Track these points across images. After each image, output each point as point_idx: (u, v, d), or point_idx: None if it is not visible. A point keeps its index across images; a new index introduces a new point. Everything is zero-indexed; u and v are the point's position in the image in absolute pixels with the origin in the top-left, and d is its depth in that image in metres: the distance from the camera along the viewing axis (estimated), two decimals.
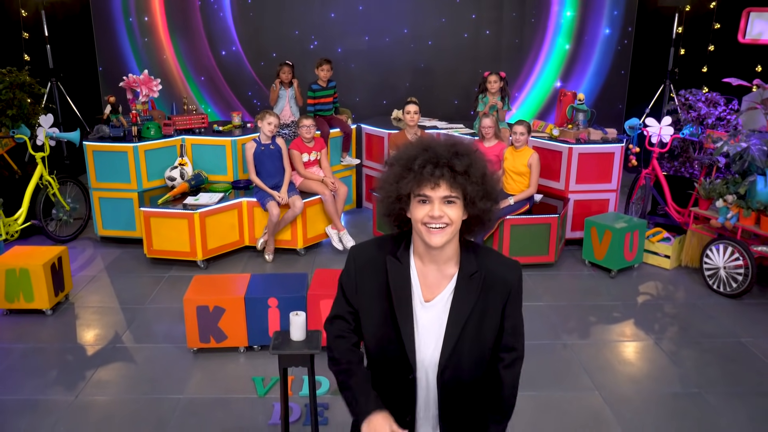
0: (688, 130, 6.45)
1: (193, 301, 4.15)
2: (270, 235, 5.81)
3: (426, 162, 1.81)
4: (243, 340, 4.27)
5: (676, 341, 4.55)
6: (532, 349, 4.34)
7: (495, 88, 6.21)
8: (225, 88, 8.64)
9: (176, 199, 5.82)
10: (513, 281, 1.95)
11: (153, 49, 8.47)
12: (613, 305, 5.11)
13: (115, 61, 8.45)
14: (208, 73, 8.58)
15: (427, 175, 1.79)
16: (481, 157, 1.91)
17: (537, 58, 8.77)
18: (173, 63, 8.52)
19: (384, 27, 8.42)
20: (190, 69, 8.53)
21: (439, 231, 1.82)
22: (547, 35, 8.72)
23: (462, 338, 1.90)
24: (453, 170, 1.80)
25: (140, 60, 8.42)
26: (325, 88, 6.68)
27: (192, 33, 8.42)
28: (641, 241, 5.73)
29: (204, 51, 8.50)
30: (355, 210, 7.31)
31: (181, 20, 8.44)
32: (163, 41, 8.48)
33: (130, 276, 5.56)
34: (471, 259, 1.92)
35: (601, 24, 8.72)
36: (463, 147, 1.86)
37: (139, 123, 6.15)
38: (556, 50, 8.80)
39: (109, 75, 8.42)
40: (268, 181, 5.83)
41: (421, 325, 1.92)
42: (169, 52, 8.46)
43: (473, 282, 1.91)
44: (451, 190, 1.81)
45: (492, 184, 1.89)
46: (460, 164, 1.81)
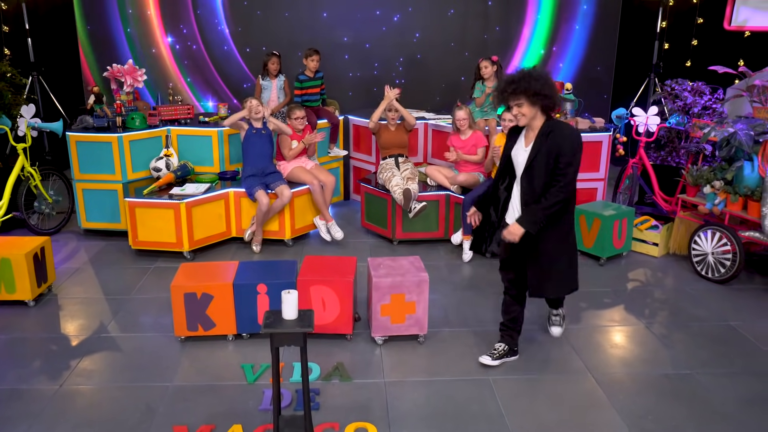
0: (674, 119, 6.48)
1: (181, 288, 4.08)
2: (258, 226, 5.74)
3: (499, 91, 3.67)
4: (232, 328, 4.20)
5: (666, 325, 4.55)
6: (525, 334, 4.34)
7: (489, 73, 6.18)
8: (217, 81, 8.54)
9: (162, 189, 5.74)
10: (563, 139, 3.55)
11: (146, 41, 8.35)
12: (604, 292, 5.10)
13: (105, 51, 8.29)
14: (199, 66, 8.45)
15: (501, 96, 3.66)
16: (527, 75, 3.53)
17: (521, 48, 8.78)
18: (167, 54, 8.39)
19: (372, 19, 8.38)
20: (183, 61, 8.41)
21: (521, 119, 3.63)
22: (526, 27, 8.74)
23: (533, 162, 3.61)
24: (511, 91, 3.57)
25: (135, 52, 8.28)
26: (313, 78, 6.63)
27: (183, 22, 8.31)
28: (629, 229, 5.74)
29: (196, 42, 8.40)
30: (342, 202, 7.27)
31: (171, 10, 8.33)
32: (157, 33, 8.37)
33: (115, 267, 5.47)
34: (547, 126, 3.61)
35: (578, 12, 8.75)
36: (516, 76, 3.57)
37: (123, 113, 6.06)
38: (535, 43, 8.82)
39: (99, 64, 8.25)
40: (257, 165, 5.76)
41: (521, 156, 3.72)
42: (164, 45, 8.35)
43: (545, 137, 3.59)
44: (514, 100, 3.57)
45: (538, 87, 3.50)
46: (513, 86, 3.54)
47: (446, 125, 6.63)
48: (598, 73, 8.99)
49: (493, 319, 4.58)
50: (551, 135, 3.54)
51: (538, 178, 3.58)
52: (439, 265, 5.58)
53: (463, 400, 3.65)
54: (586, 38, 8.74)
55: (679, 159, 6.52)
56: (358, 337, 4.31)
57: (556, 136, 3.53)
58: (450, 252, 5.84)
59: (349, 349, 4.16)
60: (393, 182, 5.74)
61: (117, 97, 6.21)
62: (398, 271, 4.17)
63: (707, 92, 6.41)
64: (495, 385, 3.78)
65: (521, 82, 3.49)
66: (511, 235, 3.63)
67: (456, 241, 5.72)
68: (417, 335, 4.24)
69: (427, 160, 6.89)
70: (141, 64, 7.56)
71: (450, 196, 5.89)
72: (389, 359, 4.05)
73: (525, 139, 3.69)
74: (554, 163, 3.54)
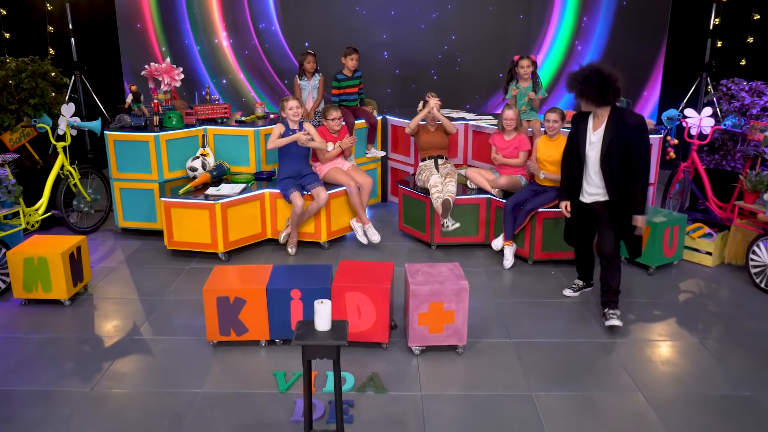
0: (730, 121, 6.15)
1: (213, 291, 3.98)
2: (293, 228, 5.63)
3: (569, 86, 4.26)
4: (264, 334, 4.09)
5: (722, 341, 4.27)
6: (570, 347, 4.13)
7: (527, 73, 5.95)
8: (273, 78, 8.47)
9: (197, 189, 5.68)
10: (633, 124, 4.13)
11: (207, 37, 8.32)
12: (653, 303, 4.84)
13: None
14: (255, 64, 8.38)
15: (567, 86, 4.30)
16: (588, 75, 4.11)
17: (558, 45, 8.49)
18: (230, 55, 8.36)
19: (410, 17, 8.20)
20: (242, 61, 8.34)
21: (582, 107, 4.28)
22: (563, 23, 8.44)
23: (609, 147, 4.16)
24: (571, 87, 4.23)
25: (205, 57, 8.26)
26: (351, 78, 6.49)
27: (240, 25, 8.25)
28: (681, 237, 5.45)
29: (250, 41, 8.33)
30: (379, 204, 7.12)
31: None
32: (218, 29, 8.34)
33: (150, 268, 5.42)
34: (615, 112, 4.18)
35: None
36: (578, 74, 4.17)
37: (160, 112, 6.02)
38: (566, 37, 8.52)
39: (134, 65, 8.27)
40: (292, 166, 5.65)
41: (593, 141, 4.30)
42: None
43: (613, 123, 4.15)
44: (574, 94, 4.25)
45: (585, 89, 4.11)
46: (581, 84, 4.13)
47: (487, 126, 6.42)
48: (647, 73, 8.64)
49: (536, 330, 4.38)
50: (620, 122, 4.15)
51: (615, 161, 4.18)
52: (478, 271, 5.39)
53: (504, 417, 3.46)
54: (635, 35, 8.39)
55: (735, 163, 6.18)
56: (394, 346, 4.15)
57: (625, 123, 4.15)
58: (490, 257, 5.64)
59: (384, 359, 4.01)
60: (431, 182, 5.57)
61: (154, 96, 6.18)
62: (437, 279, 3.99)
63: (767, 92, 6.06)
64: (538, 402, 3.58)
65: (572, 84, 4.21)
66: (640, 228, 4.32)
67: (497, 246, 5.51)
68: (456, 346, 4.07)
69: (468, 161, 6.69)
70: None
71: (491, 199, 5.68)
72: (426, 371, 3.88)
73: (593, 124, 4.30)
74: (628, 148, 4.15)
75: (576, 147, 4.38)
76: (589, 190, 4.40)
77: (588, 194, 4.41)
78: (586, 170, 4.37)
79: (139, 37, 8.21)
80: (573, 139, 4.40)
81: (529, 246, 5.45)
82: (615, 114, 4.18)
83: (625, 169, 4.18)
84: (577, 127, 4.37)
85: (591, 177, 4.36)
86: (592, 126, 4.28)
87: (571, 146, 4.44)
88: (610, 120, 4.18)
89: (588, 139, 4.30)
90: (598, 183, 4.33)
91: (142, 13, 8.16)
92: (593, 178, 4.35)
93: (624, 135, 4.12)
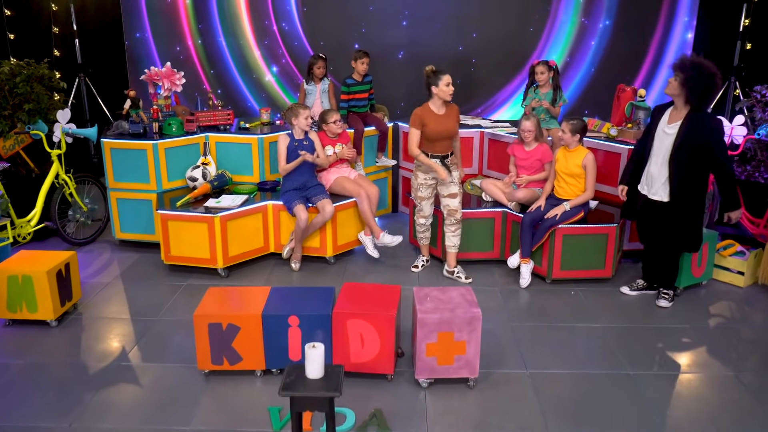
0: (764, 130, 5.76)
1: (205, 317, 3.69)
2: (297, 242, 5.33)
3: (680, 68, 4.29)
4: (260, 363, 3.79)
5: (760, 374, 3.90)
6: (592, 379, 3.79)
7: (543, 79, 5.60)
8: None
9: (197, 201, 5.40)
10: (712, 124, 4.26)
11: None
12: (681, 329, 4.48)
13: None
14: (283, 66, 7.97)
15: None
16: (692, 66, 4.19)
17: (583, 46, 8.10)
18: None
19: (424, 19, 7.83)
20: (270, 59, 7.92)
21: (671, 88, 4.34)
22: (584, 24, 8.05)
23: (681, 143, 4.26)
24: (675, 67, 4.28)
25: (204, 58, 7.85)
26: (361, 83, 6.18)
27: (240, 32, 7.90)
28: (711, 255, 5.08)
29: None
30: (390, 215, 6.80)
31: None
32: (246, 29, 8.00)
33: (146, 284, 5.15)
34: (692, 115, 4.24)
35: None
36: (688, 59, 4.25)
37: (160, 119, 5.75)
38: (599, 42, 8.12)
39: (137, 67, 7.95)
40: (298, 179, 5.35)
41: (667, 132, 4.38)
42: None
43: (692, 120, 4.23)
44: (674, 78, 4.30)
45: (693, 79, 4.16)
46: (678, 65, 4.27)
47: (504, 134, 6.08)
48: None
49: (554, 359, 4.04)
50: (698, 122, 4.22)
51: (685, 158, 4.26)
52: (493, 290, 5.05)
53: None
54: (661, 37, 7.98)
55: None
56: (400, 377, 3.83)
57: (701, 125, 4.22)
58: (506, 275, 5.30)
59: (389, 392, 3.69)
60: (425, 211, 5.21)
61: (154, 102, 5.91)
62: (447, 305, 3.67)
63: None
64: None
65: (685, 68, 4.22)
66: (736, 219, 4.51)
67: (513, 264, 5.16)
68: (467, 378, 3.74)
69: (483, 171, 6.35)
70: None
71: (507, 213, 5.34)
72: (434, 406, 3.56)
73: (669, 116, 4.37)
74: (703, 148, 4.23)
75: (647, 143, 4.51)
76: (648, 185, 4.55)
77: (647, 189, 4.57)
78: (649, 163, 4.49)
79: (144, 43, 7.91)
80: (648, 131, 4.53)
81: (547, 264, 5.10)
82: (695, 113, 4.26)
83: (690, 169, 4.29)
84: (655, 121, 4.48)
85: (651, 172, 4.48)
86: (668, 118, 4.36)
87: (644, 138, 4.59)
88: (687, 118, 4.26)
89: (661, 130, 4.39)
90: (658, 178, 4.43)
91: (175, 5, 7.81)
92: (654, 173, 4.45)
93: (700, 134, 4.21)
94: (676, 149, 4.29)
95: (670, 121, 4.36)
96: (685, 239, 4.57)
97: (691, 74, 4.18)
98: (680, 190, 4.38)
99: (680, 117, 4.31)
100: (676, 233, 4.53)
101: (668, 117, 4.39)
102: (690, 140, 4.25)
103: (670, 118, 4.37)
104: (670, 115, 4.38)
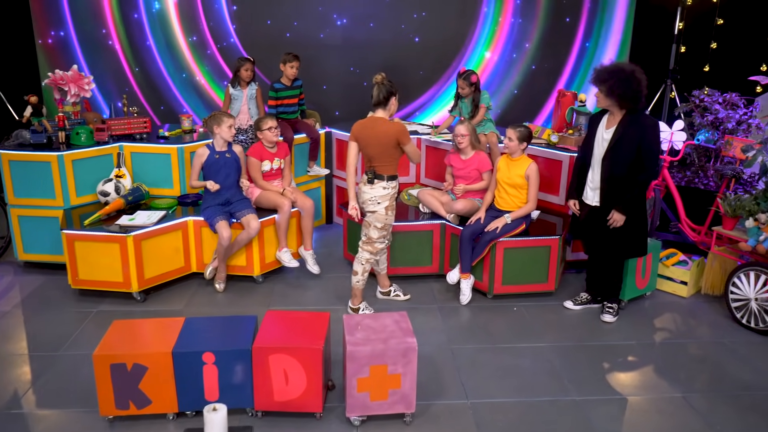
0: (703, 135, 5.67)
1: (106, 357, 3.24)
2: (221, 261, 4.91)
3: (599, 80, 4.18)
4: (172, 406, 3.37)
5: (709, 396, 3.72)
6: (537, 407, 3.53)
7: (465, 93, 5.37)
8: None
9: (110, 218, 4.91)
10: (647, 123, 4.13)
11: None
12: (628, 345, 4.29)
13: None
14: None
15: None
16: (610, 73, 4.11)
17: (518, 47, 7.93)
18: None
19: (359, 16, 7.47)
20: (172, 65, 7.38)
21: (599, 100, 4.22)
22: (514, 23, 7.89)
23: (616, 144, 4.15)
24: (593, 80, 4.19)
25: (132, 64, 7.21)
26: (290, 87, 5.79)
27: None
28: (654, 266, 4.93)
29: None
30: (324, 226, 6.43)
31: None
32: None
33: (51, 312, 4.63)
34: (628, 117, 4.15)
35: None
36: (603, 70, 4.15)
37: (67, 127, 5.22)
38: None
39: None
40: (221, 193, 4.93)
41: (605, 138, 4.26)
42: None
43: (629, 122, 4.13)
44: (599, 92, 4.17)
45: (616, 86, 4.05)
46: (598, 81, 4.14)
47: (442, 141, 5.80)
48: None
49: (497, 386, 3.76)
50: (634, 122, 4.12)
51: (620, 162, 4.16)
52: (431, 308, 4.76)
53: None
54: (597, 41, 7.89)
55: (708, 180, 5.71)
56: (330, 414, 3.48)
57: (639, 122, 4.11)
58: (445, 291, 5.02)
59: None
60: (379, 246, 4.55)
61: (60, 109, 5.37)
62: (379, 335, 3.34)
63: (741, 105, 5.60)
64: None
65: (603, 78, 4.11)
66: (617, 222, 4.26)
67: (452, 280, 4.87)
68: (403, 414, 3.42)
69: (420, 180, 6.06)
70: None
71: (446, 225, 5.06)
72: None
73: (607, 122, 4.28)
74: (637, 152, 4.11)
75: (587, 150, 4.38)
76: (590, 193, 4.41)
77: (590, 197, 4.42)
78: (592, 170, 4.37)
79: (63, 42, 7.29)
80: (587, 140, 4.40)
81: (488, 279, 4.84)
82: (631, 115, 4.17)
83: (624, 169, 4.17)
84: (593, 128, 4.36)
85: (594, 178, 4.36)
86: (606, 124, 4.27)
87: (584, 147, 4.44)
88: (624, 120, 4.17)
89: (600, 137, 4.29)
90: (598, 184, 4.33)
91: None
92: (595, 179, 4.34)
93: (635, 133, 4.11)
94: (610, 149, 4.19)
95: (608, 126, 4.26)
96: (627, 244, 4.41)
97: (612, 82, 4.07)
98: (610, 192, 4.26)
99: (617, 121, 4.22)
100: (617, 238, 4.36)
101: (606, 122, 4.29)
102: (624, 139, 4.14)
103: (608, 123, 4.27)
104: (608, 120, 4.29)
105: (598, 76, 4.14)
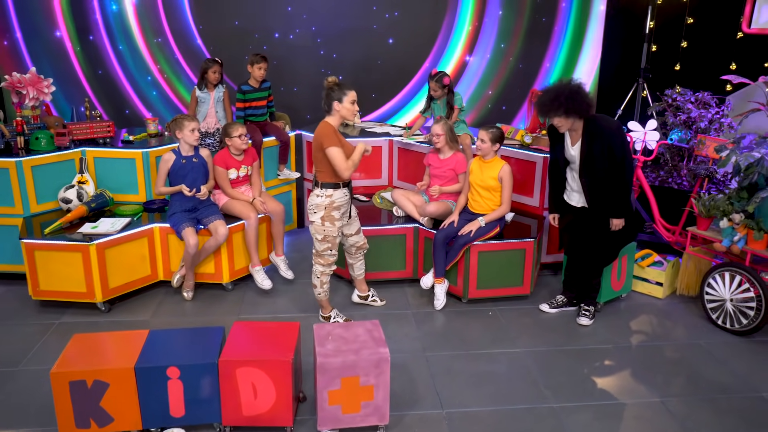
0: (676, 135, 5.66)
1: (64, 375, 3.09)
2: (188, 269, 4.77)
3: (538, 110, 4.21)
4: (136, 423, 3.22)
5: (686, 400, 3.68)
6: (514, 416, 3.45)
7: (437, 95, 5.33)
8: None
9: (72, 225, 4.73)
10: (610, 128, 4.11)
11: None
12: (605, 349, 4.23)
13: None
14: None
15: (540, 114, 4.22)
16: (556, 97, 4.02)
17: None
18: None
19: (332, 15, 7.34)
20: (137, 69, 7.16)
21: (560, 126, 4.15)
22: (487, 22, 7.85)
23: (587, 158, 4.14)
24: (545, 112, 4.12)
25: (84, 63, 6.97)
26: (258, 89, 5.64)
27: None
28: (630, 267, 4.89)
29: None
30: (295, 231, 6.30)
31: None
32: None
33: (9, 325, 4.45)
34: (589, 122, 4.12)
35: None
36: (546, 98, 4.08)
37: (26, 132, 5.03)
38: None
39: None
40: (188, 199, 4.79)
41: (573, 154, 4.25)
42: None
43: (591, 132, 4.11)
44: (555, 117, 4.09)
45: (570, 105, 3.99)
46: (546, 109, 4.10)
47: (414, 143, 5.71)
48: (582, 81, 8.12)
49: (474, 394, 3.68)
50: (596, 130, 4.10)
51: (596, 171, 4.15)
52: (405, 313, 4.67)
53: None
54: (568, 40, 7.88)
55: (681, 180, 5.69)
56: (301, 428, 3.36)
57: (602, 134, 4.09)
58: (419, 296, 4.93)
59: None
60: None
61: (18, 113, 5.17)
62: (351, 346, 3.23)
63: (714, 104, 5.59)
64: None
65: (552, 107, 4.04)
66: (618, 227, 4.30)
67: (426, 284, 4.79)
68: (376, 426, 3.31)
69: (393, 182, 5.96)
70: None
71: (419, 229, 4.97)
72: None
73: (570, 139, 4.24)
74: (609, 156, 4.09)
75: (559, 158, 4.37)
76: (575, 195, 4.41)
77: (575, 198, 4.42)
78: (570, 176, 4.38)
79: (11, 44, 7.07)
80: (553, 150, 4.40)
81: (463, 283, 4.76)
82: (590, 124, 4.14)
83: (606, 176, 4.17)
84: (555, 138, 4.34)
85: (571, 186, 4.39)
86: (570, 141, 4.25)
87: (553, 157, 4.43)
88: (586, 131, 4.14)
89: (568, 153, 4.28)
90: (577, 189, 4.36)
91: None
92: (574, 186, 4.38)
93: (602, 141, 4.08)
94: (582, 164, 4.18)
95: (573, 143, 4.24)
96: (615, 246, 4.46)
97: (561, 105, 3.99)
98: (596, 196, 4.27)
99: (579, 135, 4.18)
100: (604, 240, 4.37)
101: (570, 138, 4.26)
102: (593, 152, 4.12)
103: (572, 140, 4.24)
104: (571, 136, 4.25)
105: (549, 105, 4.04)
